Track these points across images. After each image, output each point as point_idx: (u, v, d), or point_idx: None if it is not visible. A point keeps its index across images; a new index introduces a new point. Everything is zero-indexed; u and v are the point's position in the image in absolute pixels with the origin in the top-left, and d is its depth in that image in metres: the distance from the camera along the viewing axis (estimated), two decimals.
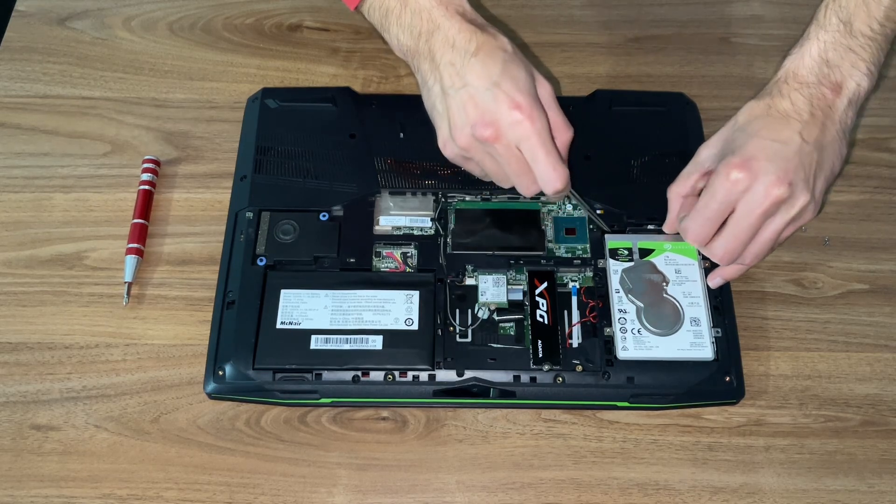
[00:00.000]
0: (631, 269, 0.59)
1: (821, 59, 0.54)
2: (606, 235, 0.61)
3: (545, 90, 0.56)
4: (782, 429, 0.58)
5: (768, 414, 0.59)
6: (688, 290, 0.58)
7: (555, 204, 0.63)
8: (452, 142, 0.56)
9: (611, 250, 0.60)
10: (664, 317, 0.57)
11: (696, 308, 0.58)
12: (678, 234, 0.59)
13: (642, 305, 0.57)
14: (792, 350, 0.61)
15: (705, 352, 0.56)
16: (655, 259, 0.59)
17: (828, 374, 0.60)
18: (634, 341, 0.56)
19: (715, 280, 0.59)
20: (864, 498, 0.56)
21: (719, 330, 0.57)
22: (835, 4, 0.54)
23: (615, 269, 0.59)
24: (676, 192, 0.59)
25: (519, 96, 0.53)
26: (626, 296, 0.58)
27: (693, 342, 0.56)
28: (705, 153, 0.57)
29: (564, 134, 0.57)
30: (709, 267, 0.60)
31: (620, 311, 0.58)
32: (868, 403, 0.59)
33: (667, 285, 0.58)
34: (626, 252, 0.59)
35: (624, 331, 0.57)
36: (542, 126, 0.54)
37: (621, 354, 0.56)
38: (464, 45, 0.54)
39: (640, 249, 0.60)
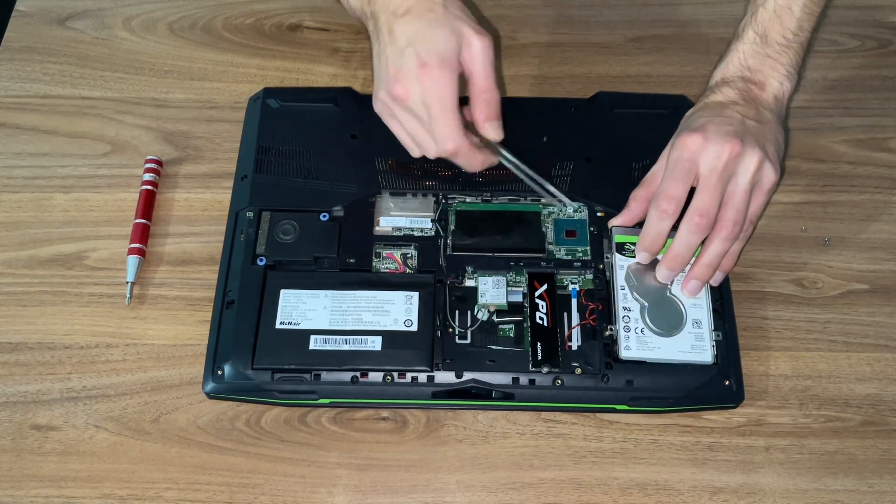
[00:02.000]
0: (637, 265, 0.59)
1: (742, 65, 0.60)
2: (612, 229, 0.60)
3: (476, 48, 0.55)
4: (782, 429, 0.58)
5: (768, 414, 0.59)
6: None
7: (555, 206, 0.63)
8: (377, 99, 0.58)
9: (617, 244, 0.59)
10: (667, 316, 0.57)
11: (698, 310, 0.57)
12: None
13: (646, 304, 0.57)
14: (792, 350, 0.61)
15: (705, 355, 0.56)
16: (661, 255, 0.59)
17: (828, 374, 0.60)
18: (637, 341, 0.56)
19: (691, 284, 0.58)
20: (864, 498, 0.56)
21: (719, 333, 0.57)
22: (752, 21, 0.60)
23: (621, 265, 0.59)
24: (642, 196, 0.59)
25: (428, 55, 0.54)
26: (631, 293, 0.58)
27: (694, 345, 0.56)
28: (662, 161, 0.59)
29: (486, 94, 0.56)
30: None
31: (625, 308, 0.57)
32: (868, 403, 0.59)
33: (671, 285, 0.58)
34: (633, 247, 0.59)
35: (627, 329, 0.57)
36: (445, 85, 0.54)
37: (624, 354, 0.56)
38: (397, 5, 0.55)
39: None
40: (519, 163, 0.60)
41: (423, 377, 0.56)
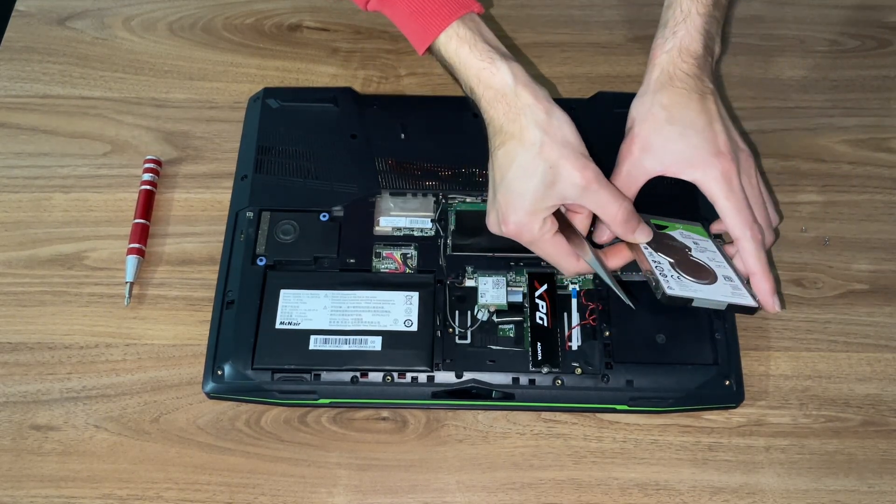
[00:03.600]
0: (655, 234, 0.58)
1: (705, 31, 0.57)
2: None
3: (574, 185, 0.52)
4: (782, 429, 0.58)
5: (768, 414, 0.59)
6: (710, 256, 0.58)
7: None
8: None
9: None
10: (698, 270, 0.56)
11: (724, 268, 0.57)
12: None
13: (673, 260, 0.56)
14: (792, 350, 0.61)
15: (748, 300, 0.55)
16: (672, 232, 0.59)
17: (828, 375, 0.60)
18: (678, 283, 0.55)
19: (773, 298, 0.55)
20: (864, 498, 0.56)
21: (721, 329, 0.57)
22: None
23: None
24: (629, 195, 0.57)
25: (509, 211, 0.53)
26: (656, 252, 0.57)
27: (734, 292, 0.55)
28: (650, 162, 0.56)
29: (612, 219, 0.54)
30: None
31: (654, 261, 0.56)
32: (868, 403, 0.59)
33: (689, 252, 0.58)
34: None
35: (664, 274, 0.55)
36: (531, 239, 0.54)
37: (668, 291, 0.54)
38: (494, 133, 0.54)
39: (655, 224, 0.59)
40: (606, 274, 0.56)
41: (423, 377, 0.56)
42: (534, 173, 0.52)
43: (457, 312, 0.59)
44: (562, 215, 0.56)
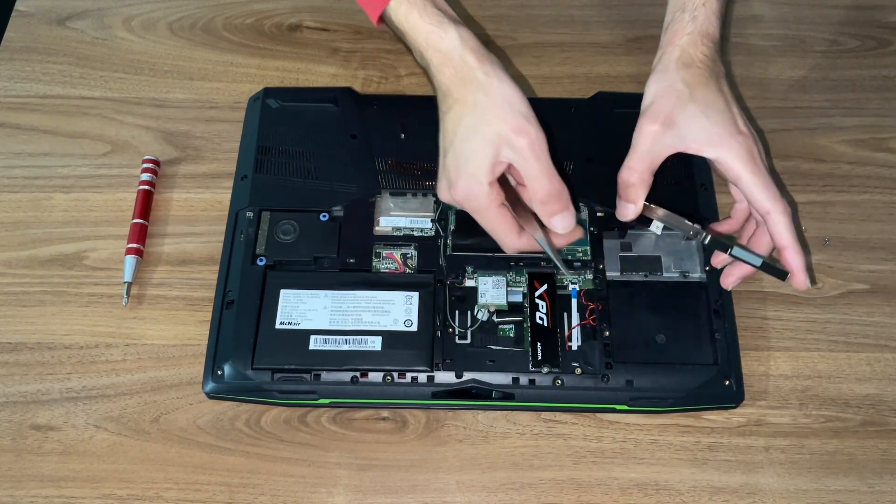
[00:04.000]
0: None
1: (720, 16, 0.58)
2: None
3: (516, 148, 0.52)
4: (782, 429, 0.58)
5: (768, 414, 0.59)
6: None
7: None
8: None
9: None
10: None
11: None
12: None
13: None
14: (792, 350, 0.61)
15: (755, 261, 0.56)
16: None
17: (828, 374, 0.60)
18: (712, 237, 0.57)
19: (804, 273, 0.55)
20: (864, 498, 0.56)
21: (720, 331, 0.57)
22: None
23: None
24: (643, 178, 0.56)
25: (458, 174, 0.53)
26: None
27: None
28: (671, 138, 0.55)
29: (541, 190, 0.53)
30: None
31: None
32: (868, 403, 0.59)
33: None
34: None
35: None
36: (479, 205, 0.53)
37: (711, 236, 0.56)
38: (442, 98, 0.54)
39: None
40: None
41: (423, 377, 0.56)
42: (478, 136, 0.52)
43: (457, 312, 0.59)
44: (511, 189, 0.55)
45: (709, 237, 0.57)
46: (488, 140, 0.52)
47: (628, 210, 0.57)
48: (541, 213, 0.54)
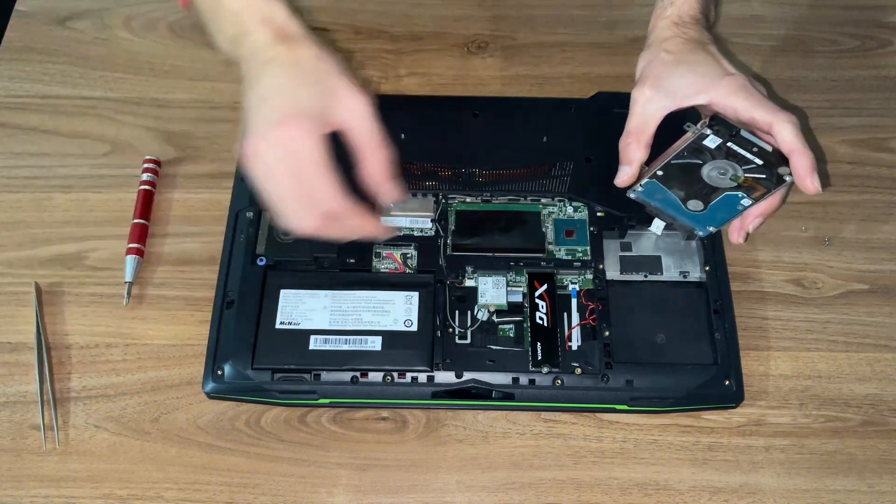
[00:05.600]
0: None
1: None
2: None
3: (352, 106, 0.50)
4: (782, 429, 0.58)
5: (768, 414, 0.59)
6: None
7: (555, 206, 0.63)
8: (242, 151, 0.50)
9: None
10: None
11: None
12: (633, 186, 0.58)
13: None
14: (792, 350, 0.61)
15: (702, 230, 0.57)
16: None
17: (828, 374, 0.60)
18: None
19: (812, 175, 0.53)
20: (864, 498, 0.56)
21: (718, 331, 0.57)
22: None
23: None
24: (640, 140, 0.57)
25: (286, 113, 0.48)
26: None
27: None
28: (662, 99, 0.56)
29: (373, 155, 0.51)
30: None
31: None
32: (868, 403, 0.59)
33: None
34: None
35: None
36: (307, 143, 0.48)
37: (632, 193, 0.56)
38: (262, 51, 0.50)
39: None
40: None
41: (423, 377, 0.56)
42: (310, 82, 0.49)
43: (457, 312, 0.59)
44: None
45: (634, 195, 0.55)
46: (325, 92, 0.49)
47: (623, 172, 0.57)
48: (377, 179, 0.51)
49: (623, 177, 0.57)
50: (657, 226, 0.59)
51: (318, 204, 0.49)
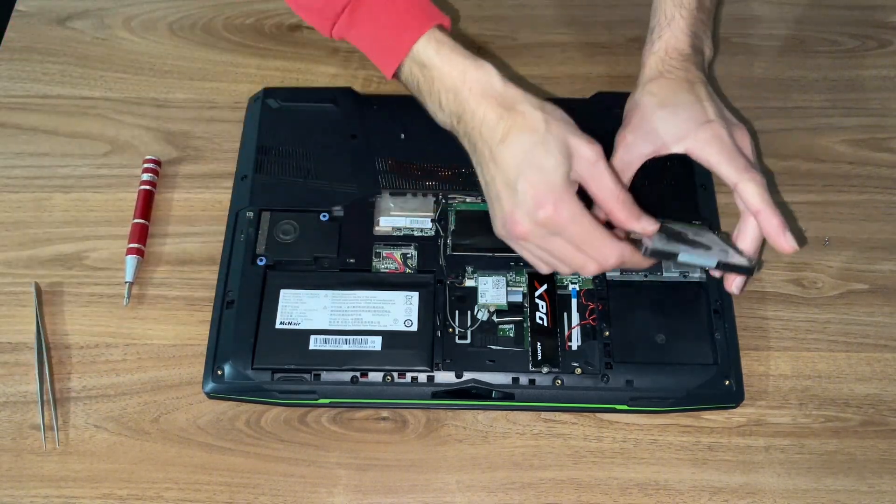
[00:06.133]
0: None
1: (691, 33, 0.59)
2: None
3: (588, 159, 0.51)
4: (782, 429, 0.58)
5: (768, 414, 0.59)
6: (708, 239, 0.56)
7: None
8: (498, 232, 0.54)
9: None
10: (690, 241, 0.55)
11: (720, 246, 0.55)
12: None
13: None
14: (792, 350, 0.61)
15: (741, 260, 0.54)
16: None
17: (828, 374, 0.60)
18: (664, 241, 0.54)
19: (784, 234, 0.53)
20: (864, 498, 0.56)
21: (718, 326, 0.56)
22: None
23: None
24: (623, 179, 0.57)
25: (541, 193, 0.50)
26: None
27: (727, 255, 0.55)
28: (642, 145, 0.56)
29: (616, 200, 0.52)
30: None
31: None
32: (868, 403, 0.59)
33: (687, 234, 0.56)
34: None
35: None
36: (572, 215, 0.50)
37: (652, 244, 0.53)
38: (490, 131, 0.51)
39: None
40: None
41: (423, 377, 0.56)
42: (551, 150, 0.50)
43: (457, 312, 0.59)
44: None
45: (651, 247, 0.53)
46: (564, 154, 0.50)
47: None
48: (624, 217, 0.52)
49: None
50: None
51: (603, 259, 0.52)
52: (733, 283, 0.56)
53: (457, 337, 0.58)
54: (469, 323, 0.58)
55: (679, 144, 0.55)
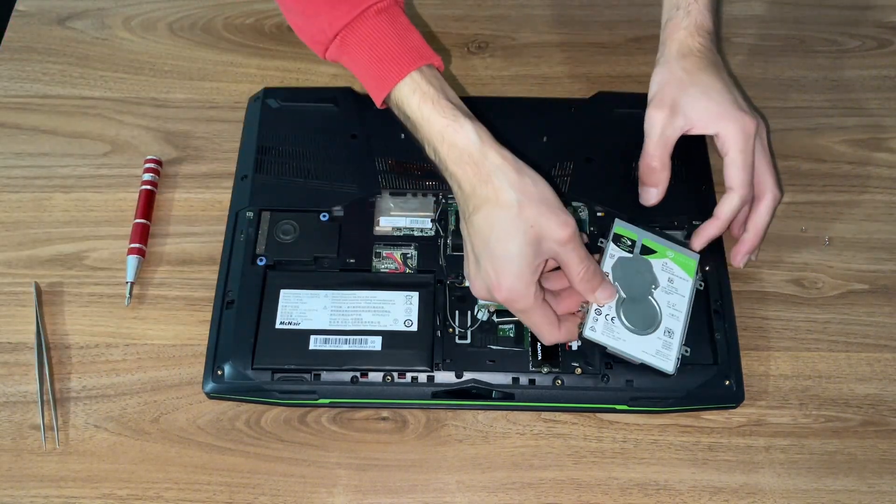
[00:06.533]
0: (628, 260, 0.57)
1: (714, 10, 0.61)
2: (616, 220, 0.59)
3: (555, 241, 0.51)
4: (782, 429, 0.58)
5: (768, 414, 0.59)
6: (673, 301, 0.57)
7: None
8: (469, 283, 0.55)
9: (615, 235, 0.58)
10: (642, 316, 0.56)
11: (674, 321, 0.56)
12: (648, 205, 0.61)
13: (625, 297, 0.56)
14: (792, 350, 0.61)
15: (667, 364, 0.55)
16: (654, 261, 0.58)
17: (828, 374, 0.60)
18: (605, 326, 0.55)
19: (741, 256, 0.61)
20: (864, 498, 0.56)
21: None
22: None
23: (612, 254, 0.57)
24: (663, 161, 0.59)
25: (499, 275, 0.51)
26: (614, 282, 0.56)
27: (659, 351, 0.55)
28: (679, 120, 0.58)
29: (582, 278, 0.53)
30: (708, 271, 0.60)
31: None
32: (868, 403, 0.59)
33: (655, 289, 0.57)
34: (630, 243, 0.58)
35: (598, 312, 0.55)
36: (523, 307, 0.52)
37: (587, 333, 0.54)
38: (465, 199, 0.52)
39: (643, 246, 0.59)
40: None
41: (423, 377, 0.56)
42: (517, 235, 0.50)
43: (457, 312, 0.59)
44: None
45: (584, 335, 0.55)
46: (530, 239, 0.50)
47: (650, 194, 0.61)
48: (584, 290, 0.54)
49: (652, 199, 0.61)
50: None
51: (548, 340, 0.54)
52: (738, 256, 0.61)
53: (457, 337, 0.58)
54: (469, 323, 0.58)
55: (714, 125, 0.58)
